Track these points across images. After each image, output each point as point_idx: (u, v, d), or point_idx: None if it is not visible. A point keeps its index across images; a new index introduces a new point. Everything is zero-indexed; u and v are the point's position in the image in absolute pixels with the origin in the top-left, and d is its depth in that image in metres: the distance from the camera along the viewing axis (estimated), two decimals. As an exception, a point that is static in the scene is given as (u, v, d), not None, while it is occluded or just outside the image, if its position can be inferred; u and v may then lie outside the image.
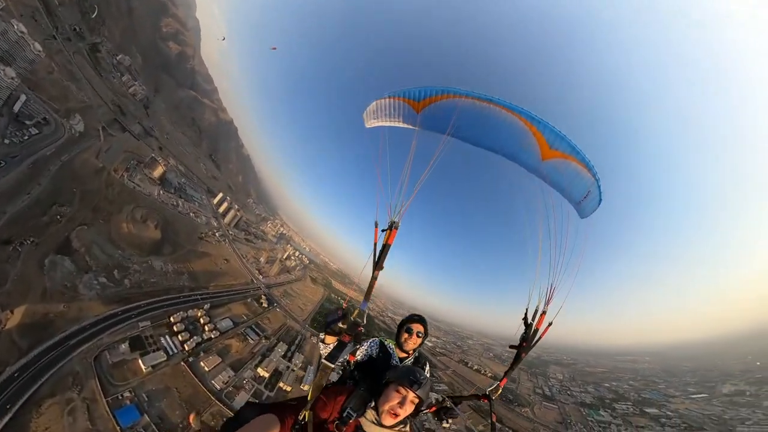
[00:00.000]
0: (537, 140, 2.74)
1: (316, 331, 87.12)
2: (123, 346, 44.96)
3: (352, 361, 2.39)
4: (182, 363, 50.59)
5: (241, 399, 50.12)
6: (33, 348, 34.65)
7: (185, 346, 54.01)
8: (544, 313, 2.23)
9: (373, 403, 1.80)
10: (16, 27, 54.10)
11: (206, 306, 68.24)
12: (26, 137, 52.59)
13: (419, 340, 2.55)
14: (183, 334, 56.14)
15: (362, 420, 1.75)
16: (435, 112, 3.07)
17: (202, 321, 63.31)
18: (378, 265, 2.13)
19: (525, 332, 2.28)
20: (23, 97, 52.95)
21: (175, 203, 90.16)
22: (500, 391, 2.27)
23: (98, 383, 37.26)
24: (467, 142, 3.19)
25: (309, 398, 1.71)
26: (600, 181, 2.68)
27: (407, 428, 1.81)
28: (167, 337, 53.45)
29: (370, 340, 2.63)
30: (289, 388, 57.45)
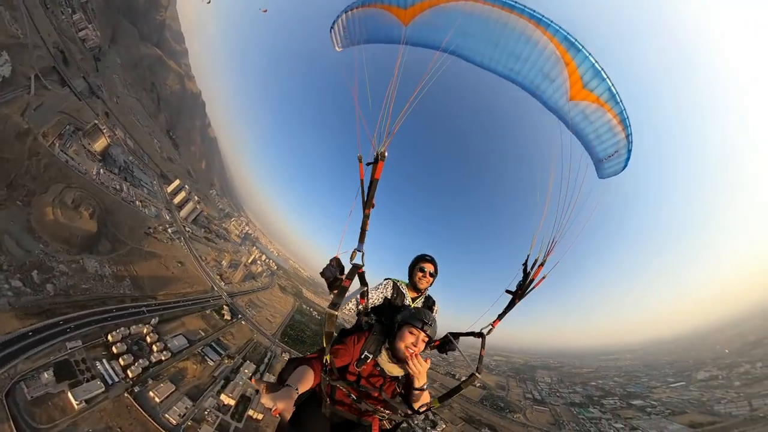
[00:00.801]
0: (569, 72, 2.08)
1: (287, 347, 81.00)
2: (46, 374, 34.05)
3: (363, 305, 2.28)
4: (126, 395, 40.97)
5: (204, 433, 43.80)
6: None
7: (128, 372, 43.64)
8: (542, 264, 2.24)
9: (387, 344, 2.01)
10: None
11: (154, 320, 56.32)
12: None
13: (431, 279, 2.63)
14: (125, 356, 45.21)
15: (378, 359, 2.00)
16: (429, 20, 2.30)
17: (149, 339, 52.00)
18: (368, 203, 2.06)
19: (522, 280, 2.34)
20: None
21: (118, 187, 72.09)
22: (492, 330, 2.31)
23: (13, 427, 27.91)
24: (472, 62, 2.43)
25: (324, 345, 1.85)
26: (632, 144, 2.20)
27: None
28: (105, 361, 42.37)
29: (383, 282, 2.66)
30: (260, 416, 52.42)
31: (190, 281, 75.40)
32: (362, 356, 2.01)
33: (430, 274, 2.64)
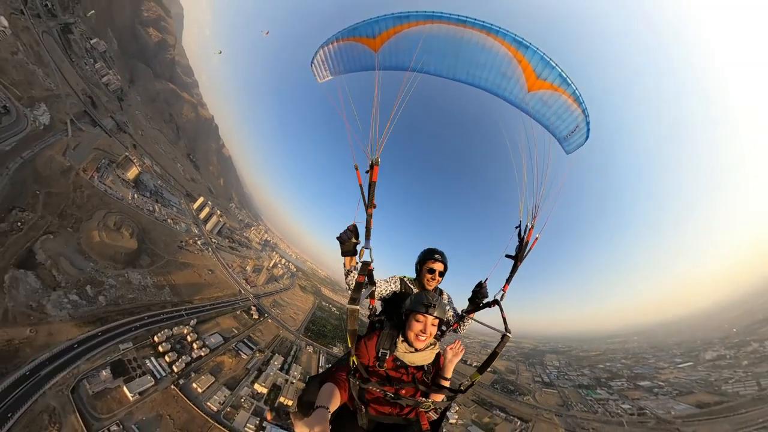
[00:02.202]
0: (523, 69, 2.32)
1: (310, 341, 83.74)
2: (104, 372, 38.21)
3: (373, 305, 2.26)
4: (172, 386, 44.78)
5: (241, 418, 46.50)
6: None
7: (174, 367, 47.87)
8: (532, 227, 2.38)
9: (401, 338, 1.90)
10: None
11: (192, 322, 61.00)
12: None
13: (441, 279, 2.49)
14: (170, 354, 49.52)
15: (397, 353, 1.89)
16: (398, 45, 2.51)
17: (189, 338, 56.45)
18: (370, 203, 2.12)
19: (519, 243, 2.39)
20: None
21: (151, 208, 78.83)
22: (504, 296, 2.29)
23: (79, 418, 31.43)
24: (438, 75, 2.69)
25: (349, 344, 1.81)
26: (589, 116, 2.46)
27: (436, 347, 1.96)
28: (153, 359, 46.70)
29: (391, 277, 2.54)
30: (290, 402, 54.80)
31: (220, 286, 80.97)
32: (379, 354, 1.91)
33: (440, 274, 2.49)
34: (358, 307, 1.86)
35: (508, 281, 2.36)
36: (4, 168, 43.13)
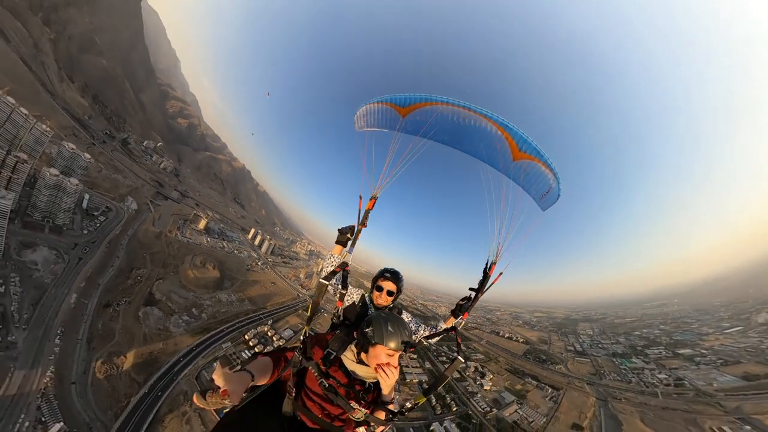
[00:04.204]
0: (509, 144, 2.90)
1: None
2: (215, 364, 49.87)
3: (340, 308, 2.39)
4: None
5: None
6: (148, 380, 40.12)
7: (262, 356, 59.30)
8: (494, 263, 2.56)
9: (352, 345, 1.82)
10: (67, 146, 62.60)
11: (269, 322, 73.84)
12: (98, 225, 60.90)
13: (390, 299, 2.44)
14: (258, 347, 61.28)
15: (343, 357, 1.79)
16: (418, 117, 3.18)
17: (269, 334, 68.53)
18: (363, 222, 2.49)
19: (482, 278, 2.52)
20: (87, 196, 61.33)
21: (221, 246, 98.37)
22: (464, 323, 2.47)
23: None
24: (446, 144, 3.32)
25: (308, 314, 1.95)
26: (560, 181, 2.90)
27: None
28: (246, 351, 58.68)
29: (357, 291, 2.63)
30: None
31: (283, 293, 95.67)
32: (325, 353, 1.82)
33: (389, 293, 2.49)
34: (328, 283, 2.10)
35: (467, 310, 2.48)
36: (120, 245, 60.73)
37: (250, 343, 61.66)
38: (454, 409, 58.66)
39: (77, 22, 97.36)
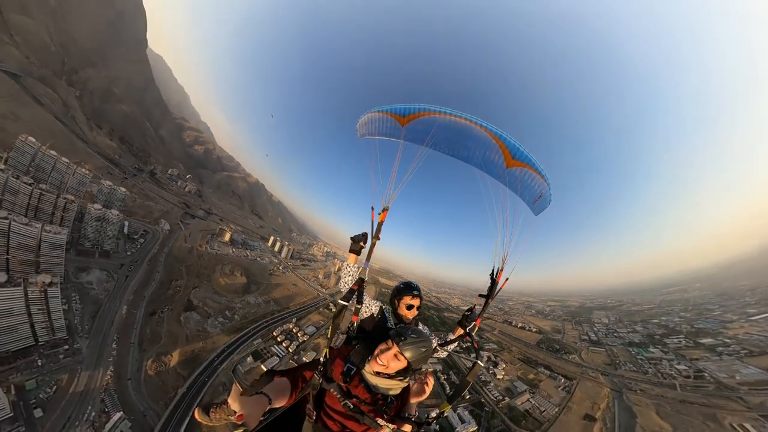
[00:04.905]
0: (502, 152, 2.98)
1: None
2: (248, 358, 54.59)
3: (355, 322, 2.43)
4: (290, 361, 58.48)
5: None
6: (191, 374, 44.97)
7: (289, 349, 62.73)
8: (501, 270, 2.69)
9: (370, 358, 1.83)
10: (105, 183, 72.07)
11: (294, 320, 77.90)
12: (138, 246, 69.57)
13: (416, 312, 2.58)
14: (285, 342, 65.20)
15: (363, 372, 1.82)
16: (417, 126, 3.24)
17: (294, 330, 72.30)
18: (376, 235, 2.54)
19: (491, 284, 2.65)
20: (127, 223, 70.44)
21: (245, 255, 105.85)
22: (477, 329, 2.57)
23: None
24: (444, 153, 3.41)
25: (329, 335, 1.95)
26: (551, 187, 3.03)
27: (405, 382, 1.79)
28: (275, 346, 62.76)
29: (375, 303, 2.64)
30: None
31: (304, 294, 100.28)
32: (345, 368, 1.84)
33: (417, 308, 2.62)
34: (347, 304, 2.11)
35: (480, 316, 2.63)
36: (159, 261, 68.30)
37: (278, 339, 65.63)
38: (468, 397, 58.03)
39: (95, 78, 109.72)
